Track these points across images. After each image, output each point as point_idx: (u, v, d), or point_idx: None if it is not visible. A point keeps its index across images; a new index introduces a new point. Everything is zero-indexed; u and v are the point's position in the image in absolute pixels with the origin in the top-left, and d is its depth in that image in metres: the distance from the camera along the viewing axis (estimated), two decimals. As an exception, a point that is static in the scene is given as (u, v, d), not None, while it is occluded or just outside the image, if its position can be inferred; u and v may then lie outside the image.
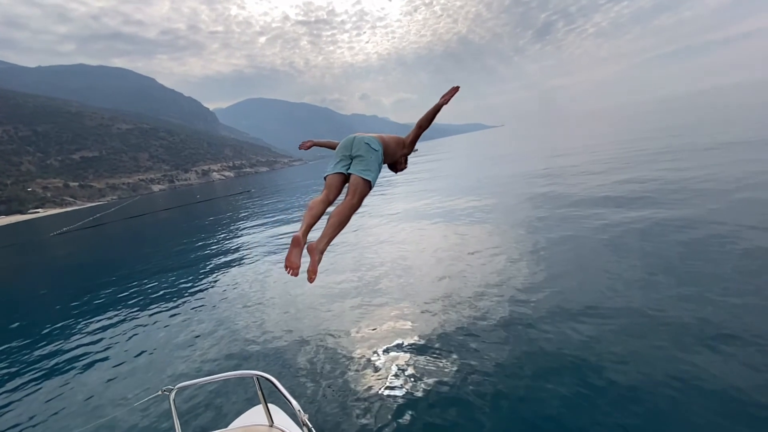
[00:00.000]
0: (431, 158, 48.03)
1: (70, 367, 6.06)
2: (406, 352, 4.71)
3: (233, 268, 10.56)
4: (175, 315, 7.60)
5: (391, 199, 18.09)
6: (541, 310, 5.12)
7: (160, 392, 2.20)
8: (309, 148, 2.49)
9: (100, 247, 24.08)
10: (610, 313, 4.75)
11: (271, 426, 2.13)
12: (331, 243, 1.88)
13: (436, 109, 2.18)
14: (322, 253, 1.81)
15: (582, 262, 6.48)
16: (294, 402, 1.87)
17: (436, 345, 4.72)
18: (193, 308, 7.81)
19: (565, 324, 4.68)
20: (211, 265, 11.54)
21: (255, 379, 2.12)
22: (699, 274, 5.29)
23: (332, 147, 2.38)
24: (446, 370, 4.20)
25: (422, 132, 2.33)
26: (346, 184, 2.09)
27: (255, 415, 2.40)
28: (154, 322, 7.37)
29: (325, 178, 2.09)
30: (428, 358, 4.50)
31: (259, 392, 2.13)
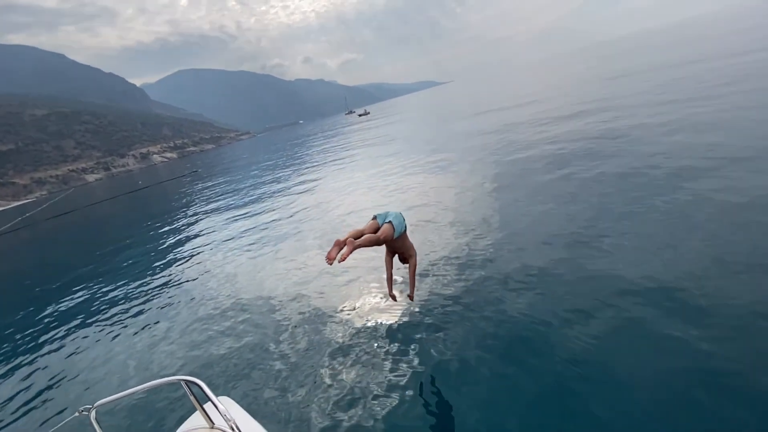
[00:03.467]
0: (386, 121, 47.34)
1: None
2: (362, 338, 4.44)
3: (175, 263, 9.93)
4: (104, 323, 7.06)
5: (352, 168, 17.79)
6: (502, 273, 5.37)
7: (77, 413, 2.00)
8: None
9: (32, 252, 21.92)
10: (558, 265, 5.11)
11: (212, 428, 2.08)
12: (331, 245, 2.88)
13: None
14: (352, 245, 2.80)
15: (538, 217, 6.85)
16: (221, 406, 1.86)
17: (393, 330, 4.45)
18: (125, 313, 7.30)
19: (525, 286, 4.97)
20: (153, 260, 10.93)
21: (184, 384, 2.01)
22: (639, 218, 5.77)
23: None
24: (399, 364, 3.87)
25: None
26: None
27: (196, 419, 2.29)
28: (84, 336, 6.78)
29: (374, 218, 3.32)
30: (380, 345, 4.27)
31: (191, 397, 2.03)
